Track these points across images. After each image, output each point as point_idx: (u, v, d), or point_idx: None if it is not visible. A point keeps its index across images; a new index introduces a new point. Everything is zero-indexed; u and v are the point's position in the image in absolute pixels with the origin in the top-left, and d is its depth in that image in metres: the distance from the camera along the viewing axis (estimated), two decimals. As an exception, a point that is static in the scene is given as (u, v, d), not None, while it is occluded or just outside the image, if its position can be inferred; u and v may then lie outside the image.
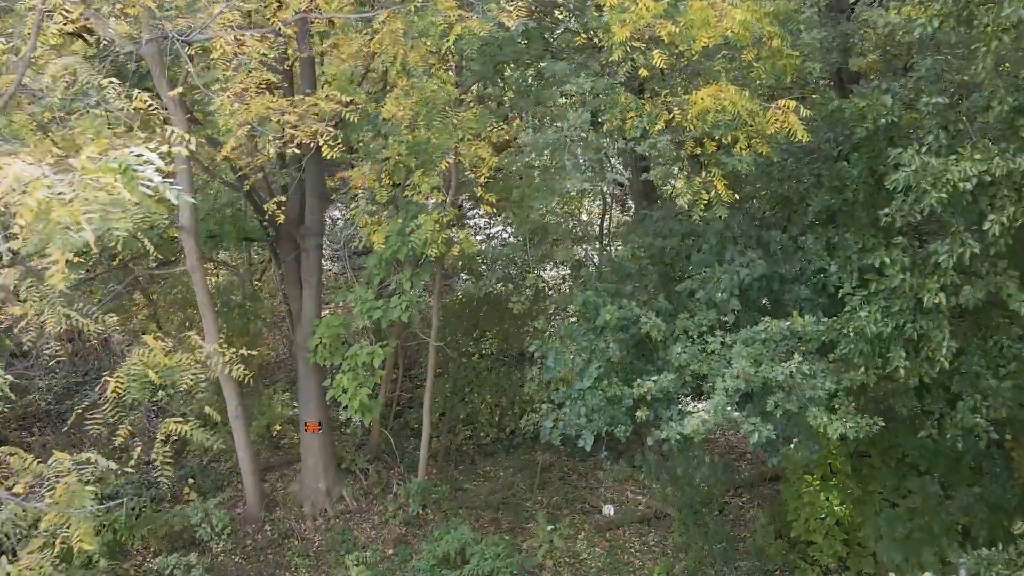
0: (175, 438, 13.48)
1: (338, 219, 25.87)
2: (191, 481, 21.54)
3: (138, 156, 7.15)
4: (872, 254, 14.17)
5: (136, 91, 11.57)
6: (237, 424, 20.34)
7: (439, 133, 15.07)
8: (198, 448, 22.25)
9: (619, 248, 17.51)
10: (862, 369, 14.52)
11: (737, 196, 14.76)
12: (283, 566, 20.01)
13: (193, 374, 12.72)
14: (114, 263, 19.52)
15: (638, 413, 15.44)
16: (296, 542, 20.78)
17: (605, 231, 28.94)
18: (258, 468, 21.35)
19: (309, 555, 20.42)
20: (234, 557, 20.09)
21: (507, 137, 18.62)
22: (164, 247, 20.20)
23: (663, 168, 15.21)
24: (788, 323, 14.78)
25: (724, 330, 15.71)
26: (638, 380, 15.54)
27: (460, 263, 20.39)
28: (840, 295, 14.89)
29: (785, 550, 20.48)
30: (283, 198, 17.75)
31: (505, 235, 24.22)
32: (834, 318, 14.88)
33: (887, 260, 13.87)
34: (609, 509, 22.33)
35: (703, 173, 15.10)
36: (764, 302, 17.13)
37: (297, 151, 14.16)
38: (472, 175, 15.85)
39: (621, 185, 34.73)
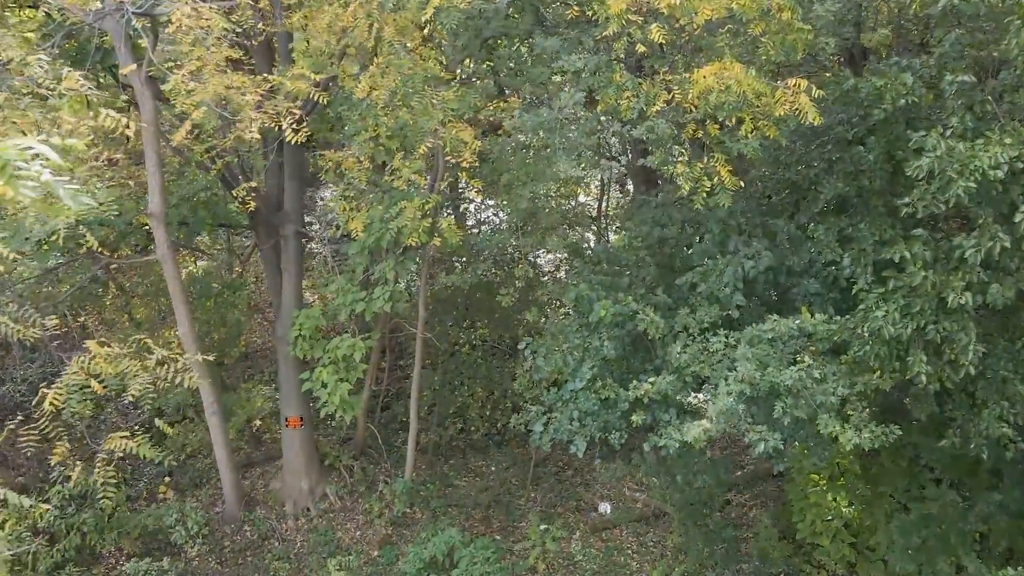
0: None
1: (322, 201, 24.48)
2: (167, 479, 20.33)
3: (24, 149, 5.85)
4: (890, 248, 12.78)
5: (67, 70, 10.16)
6: (214, 420, 19.10)
7: (419, 114, 13.67)
8: (175, 443, 21.03)
9: (615, 235, 16.14)
10: (877, 373, 13.20)
11: (742, 183, 13.37)
12: (262, 570, 18.81)
13: (144, 383, 11.28)
14: (81, 252, 18.17)
15: (634, 417, 14.15)
16: (276, 543, 19.59)
17: (604, 213, 27.58)
18: (237, 465, 20.13)
19: (290, 558, 19.23)
20: (210, 560, 18.90)
21: (494, 119, 17.21)
22: (136, 234, 18.88)
23: (662, 153, 13.80)
24: (798, 321, 13.45)
25: (728, 327, 14.40)
26: (634, 381, 14.24)
27: (449, 252, 18.98)
28: (854, 291, 13.53)
29: (790, 553, 19.24)
30: (254, 183, 16.39)
31: (496, 220, 22.81)
32: (847, 316, 13.54)
33: (907, 255, 12.48)
34: (605, 507, 21.12)
35: (705, 158, 13.72)
36: (770, 296, 15.79)
37: (257, 136, 12.75)
38: (456, 160, 14.44)
39: (620, 164, 33.36)
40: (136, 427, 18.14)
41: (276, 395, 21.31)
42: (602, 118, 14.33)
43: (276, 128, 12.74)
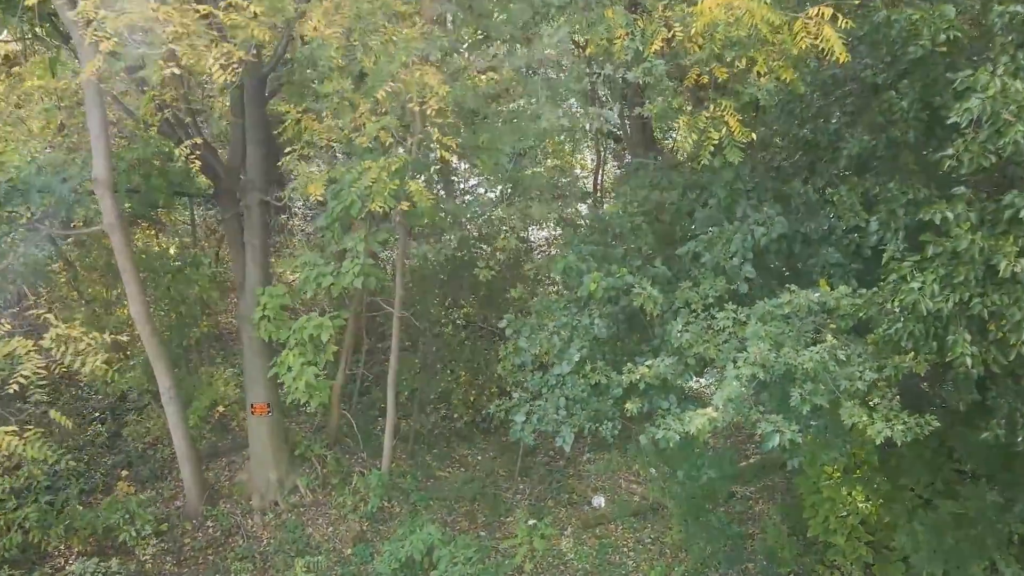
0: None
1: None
2: (124, 472, 18.33)
3: None
4: (927, 208, 10.69)
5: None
6: (171, 407, 17.07)
7: (379, 54, 11.59)
8: (134, 431, 19.05)
9: (609, 203, 14.11)
10: (911, 355, 11.13)
11: (754, 136, 11.29)
12: (223, 571, 16.80)
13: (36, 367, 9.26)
14: (22, 223, 16.16)
15: (628, 405, 12.14)
16: (241, 541, 17.59)
17: (600, 187, 25.53)
18: (198, 456, 18.11)
19: (254, 557, 17.23)
20: (166, 560, 16.90)
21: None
22: (84, 203, 16.82)
23: (661, 102, 11.72)
24: (817, 295, 11.41)
25: (735, 303, 12.37)
26: (629, 364, 12.22)
27: (428, 225, 16.86)
28: (883, 259, 11.47)
29: (800, 552, 17.24)
30: (197, 139, 14.34)
31: (483, 191, 20.66)
32: (874, 289, 11.49)
33: (949, 215, 10.41)
34: (599, 501, 19.11)
35: (711, 105, 11.64)
36: (782, 268, 13.75)
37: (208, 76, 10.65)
38: (420, 107, 12.32)
39: (618, 140, 31.22)
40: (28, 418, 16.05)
41: (242, 379, 19.28)
42: (592, 63, 12.24)
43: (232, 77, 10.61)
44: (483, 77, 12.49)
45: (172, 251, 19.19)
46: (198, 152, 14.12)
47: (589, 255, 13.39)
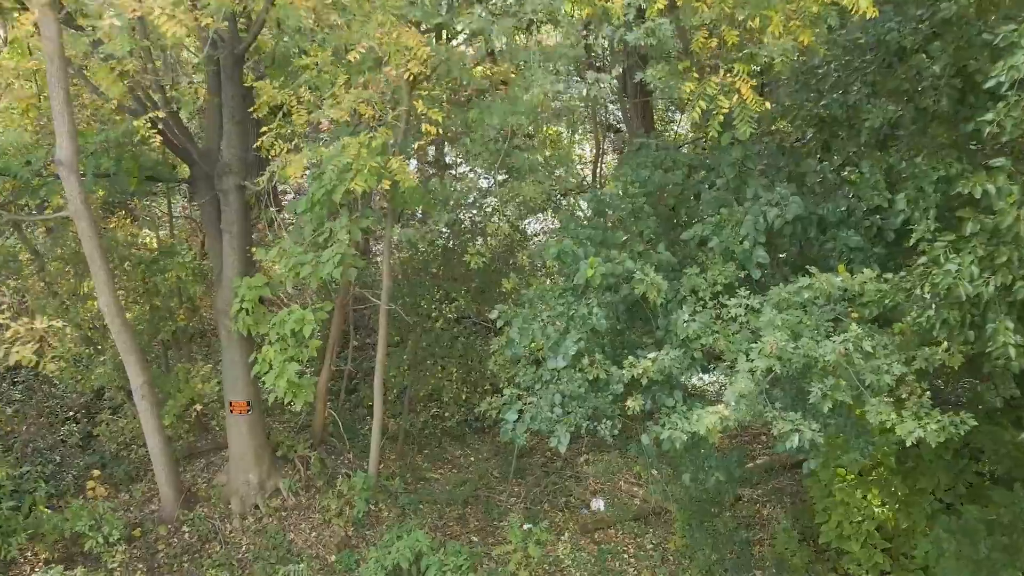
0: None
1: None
2: (96, 473, 17.05)
3: None
4: (966, 181, 9.42)
5: None
6: (144, 405, 15.79)
7: (354, 9, 10.34)
8: (107, 431, 17.79)
9: (608, 184, 12.86)
10: (943, 345, 9.87)
11: (768, 104, 10.03)
12: (197, 580, 15.60)
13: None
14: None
15: (630, 402, 10.88)
16: (218, 547, 16.30)
17: (599, 178, 24.28)
18: (173, 457, 16.83)
19: (232, 564, 15.95)
20: (138, 568, 15.60)
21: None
22: (49, 187, 15.59)
23: (665, 67, 10.45)
24: (839, 279, 10.15)
25: (747, 290, 11.11)
26: (630, 358, 10.96)
27: (416, 209, 15.56)
28: (912, 240, 10.21)
29: (811, 558, 15.99)
30: (159, 113, 13.08)
31: (473, 176, 19.31)
32: (901, 274, 10.24)
33: (991, 189, 9.15)
34: (598, 504, 17.84)
35: (722, 71, 10.37)
36: (796, 253, 12.49)
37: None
38: (401, 73, 11.05)
39: (617, 131, 29.95)
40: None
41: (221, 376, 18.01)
42: (591, 24, 11.00)
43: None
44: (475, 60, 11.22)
45: (147, 240, 17.86)
46: (159, 128, 12.87)
47: (586, 239, 12.13)
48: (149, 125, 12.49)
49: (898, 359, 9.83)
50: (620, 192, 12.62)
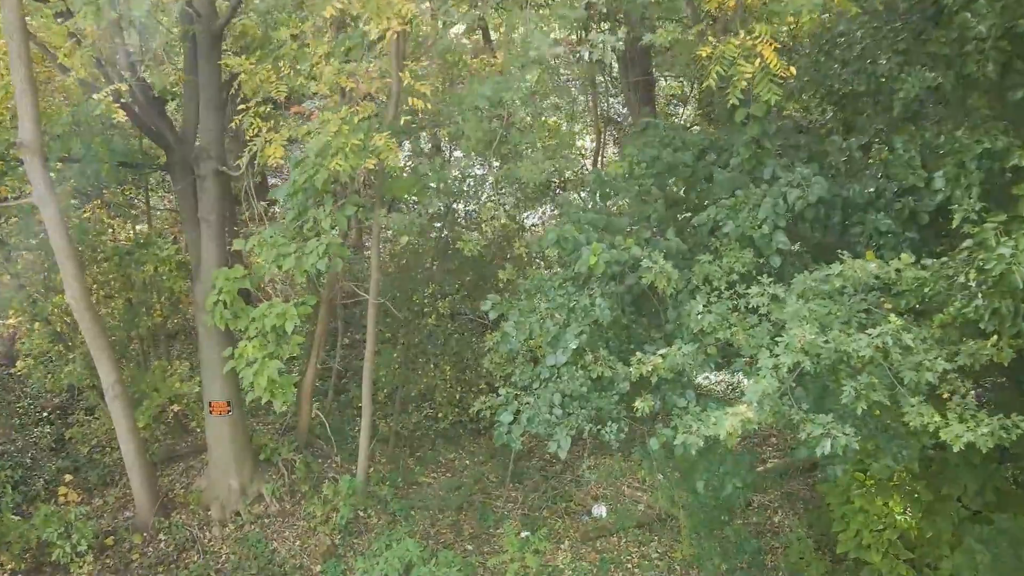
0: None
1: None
2: (68, 478, 15.81)
3: None
4: (1021, 153, 8.21)
5: None
6: (116, 405, 14.59)
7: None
8: (80, 432, 16.56)
9: (613, 163, 11.62)
10: (993, 338, 8.65)
11: (793, 71, 8.79)
12: (172, 592, 14.37)
13: None
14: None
15: (638, 403, 9.64)
16: (196, 557, 15.05)
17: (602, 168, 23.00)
18: (148, 461, 15.60)
19: (211, 575, 14.75)
20: (108, 580, 14.45)
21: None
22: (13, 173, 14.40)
23: (676, 27, 9.22)
24: (874, 265, 8.92)
25: (769, 278, 9.89)
26: (638, 354, 9.73)
27: (412, 200, 14.29)
28: (954, 221, 8.99)
29: (828, 569, 14.72)
30: (123, 85, 11.84)
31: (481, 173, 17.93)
32: (942, 259, 9.03)
33: (1050, 160, 7.94)
34: (600, 510, 16.59)
35: (742, 35, 9.14)
36: (819, 239, 11.24)
37: None
38: (386, 33, 9.78)
39: (619, 125, 28.74)
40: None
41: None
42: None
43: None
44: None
45: (122, 231, 16.59)
46: (124, 101, 11.65)
47: (589, 224, 10.90)
48: (111, 99, 11.25)
49: (941, 354, 8.60)
50: (625, 173, 11.39)
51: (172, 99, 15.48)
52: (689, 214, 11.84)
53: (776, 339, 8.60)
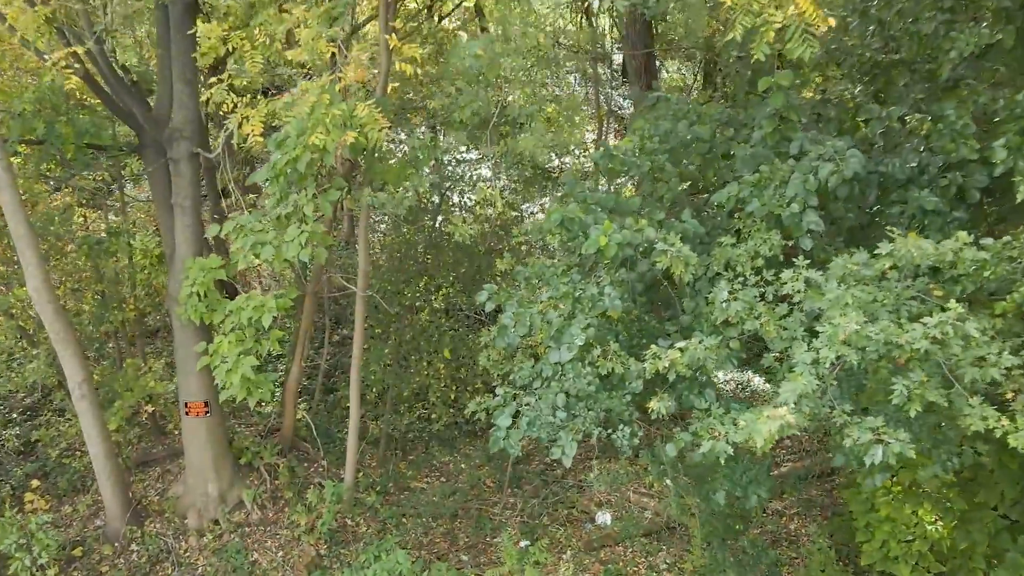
0: None
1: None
2: (36, 483, 14.48)
3: None
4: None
5: None
6: (84, 405, 13.32)
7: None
8: (47, 436, 15.26)
9: (623, 139, 10.34)
10: (1065, 328, 7.38)
11: (832, 22, 7.51)
12: (142, 608, 13.06)
13: None
14: None
15: (653, 404, 8.35)
16: (170, 569, 13.74)
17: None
18: (119, 465, 14.29)
19: (184, 589, 13.47)
20: (73, 595, 13.14)
21: None
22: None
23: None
24: (927, 244, 7.63)
25: (790, 266, 8.62)
26: (654, 348, 8.44)
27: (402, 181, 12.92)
28: (1021, 198, 7.70)
29: (851, 583, 13.48)
30: (77, 48, 10.55)
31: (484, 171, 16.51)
32: (1005, 239, 7.75)
33: None
34: (604, 517, 15.30)
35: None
36: (852, 220, 9.94)
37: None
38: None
39: (621, 119, 27.45)
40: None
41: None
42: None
43: None
44: None
45: (99, 222, 15.24)
46: (83, 67, 10.34)
47: (596, 204, 9.60)
48: (64, 66, 9.95)
49: (1002, 347, 7.32)
50: (636, 149, 10.09)
51: (148, 80, 14.17)
52: (706, 195, 10.54)
53: (810, 331, 7.29)
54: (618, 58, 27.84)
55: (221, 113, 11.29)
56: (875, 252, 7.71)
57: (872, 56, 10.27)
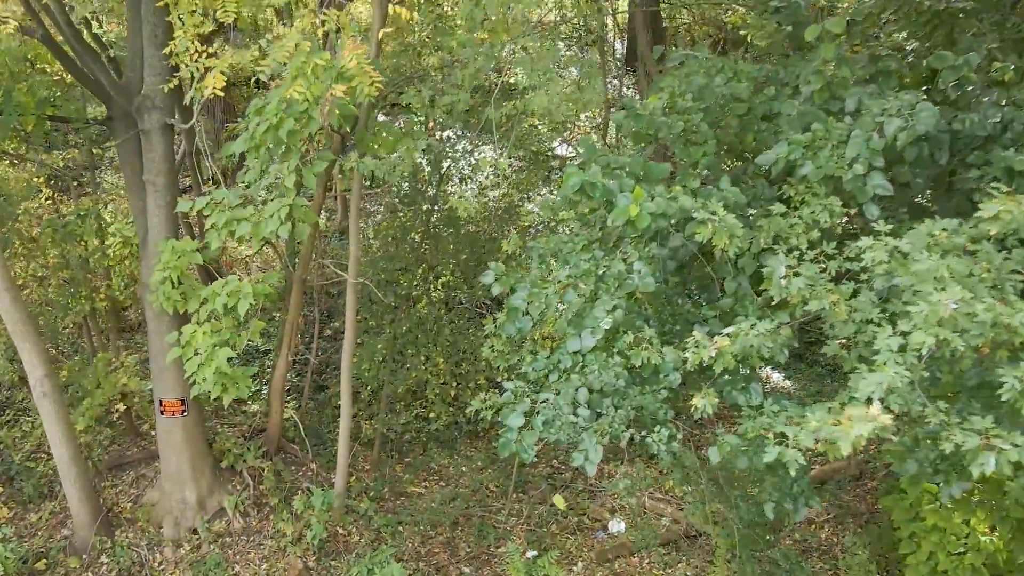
0: None
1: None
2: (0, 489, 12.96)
3: None
4: None
5: None
6: (46, 404, 11.76)
7: None
8: (9, 437, 13.70)
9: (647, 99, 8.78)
10: None
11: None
12: (109, 629, 11.50)
13: None
14: None
15: (696, 400, 6.82)
16: (142, 584, 12.25)
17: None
18: (88, 471, 12.74)
19: (157, 607, 11.91)
20: (32, 615, 11.57)
21: None
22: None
23: None
24: (1040, 204, 6.09)
25: (850, 238, 7.11)
26: (696, 334, 6.90)
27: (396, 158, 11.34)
28: None
29: (894, 599, 11.97)
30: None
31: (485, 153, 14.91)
32: None
33: None
34: (618, 525, 13.76)
35: None
36: (921, 184, 8.41)
37: None
38: None
39: (623, 108, 25.92)
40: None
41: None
42: None
43: None
44: None
45: (51, 200, 13.61)
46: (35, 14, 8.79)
47: (621, 169, 8.06)
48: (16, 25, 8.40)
49: None
50: (667, 105, 8.55)
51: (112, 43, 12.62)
52: (742, 164, 9.02)
53: (910, 308, 5.76)
54: (619, 48, 26.41)
55: (183, 66, 9.66)
56: (971, 216, 6.19)
57: (932, 5, 8.78)
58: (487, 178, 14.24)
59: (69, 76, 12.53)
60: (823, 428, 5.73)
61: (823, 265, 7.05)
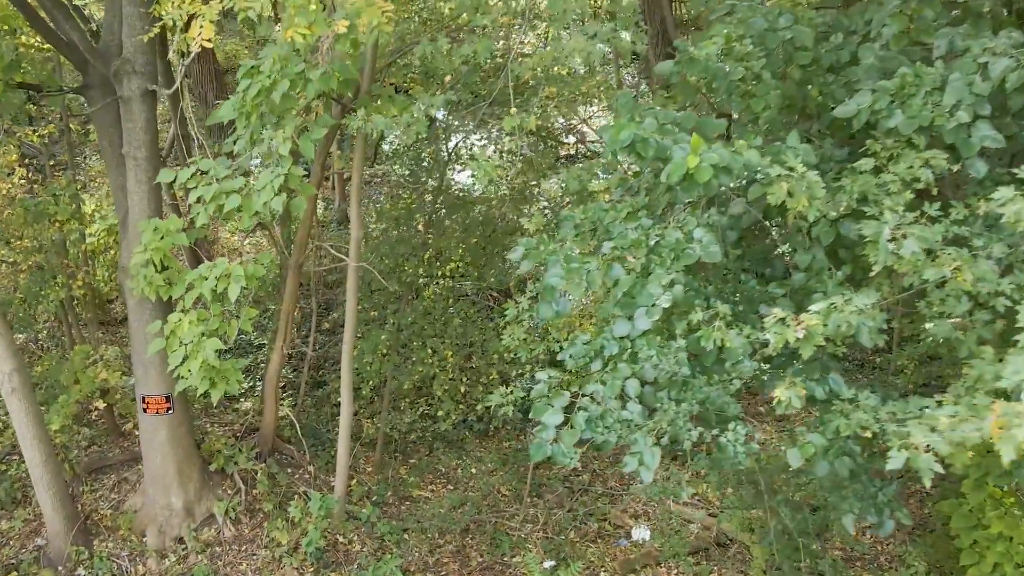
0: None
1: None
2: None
3: None
4: None
5: None
6: (15, 400, 10.41)
7: None
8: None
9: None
10: None
11: None
12: (83, 651, 10.10)
13: None
14: None
15: (779, 392, 5.47)
16: (122, 599, 10.87)
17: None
18: (63, 475, 11.36)
19: (137, 626, 10.52)
20: (-3, 636, 10.17)
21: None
22: None
23: None
24: None
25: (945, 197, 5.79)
26: (777, 311, 5.55)
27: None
28: None
29: (954, 616, 10.62)
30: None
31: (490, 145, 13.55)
32: None
33: None
34: (643, 533, 12.38)
35: None
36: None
37: None
38: None
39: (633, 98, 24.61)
40: None
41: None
42: None
43: None
44: None
45: (25, 180, 12.18)
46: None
47: (671, 122, 6.71)
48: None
49: None
50: (721, 52, 7.20)
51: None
52: (807, 120, 7.68)
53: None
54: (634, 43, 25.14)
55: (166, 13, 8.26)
56: None
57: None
58: (500, 156, 12.91)
59: (40, 39, 11.21)
60: (959, 427, 4.38)
61: (941, 222, 5.72)
